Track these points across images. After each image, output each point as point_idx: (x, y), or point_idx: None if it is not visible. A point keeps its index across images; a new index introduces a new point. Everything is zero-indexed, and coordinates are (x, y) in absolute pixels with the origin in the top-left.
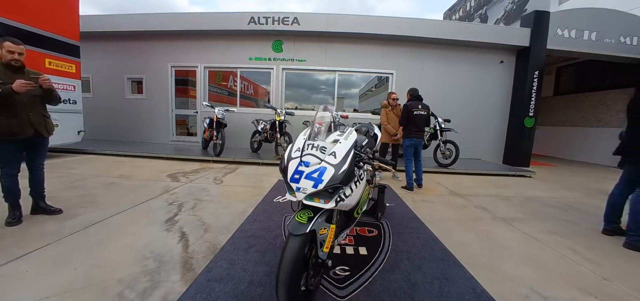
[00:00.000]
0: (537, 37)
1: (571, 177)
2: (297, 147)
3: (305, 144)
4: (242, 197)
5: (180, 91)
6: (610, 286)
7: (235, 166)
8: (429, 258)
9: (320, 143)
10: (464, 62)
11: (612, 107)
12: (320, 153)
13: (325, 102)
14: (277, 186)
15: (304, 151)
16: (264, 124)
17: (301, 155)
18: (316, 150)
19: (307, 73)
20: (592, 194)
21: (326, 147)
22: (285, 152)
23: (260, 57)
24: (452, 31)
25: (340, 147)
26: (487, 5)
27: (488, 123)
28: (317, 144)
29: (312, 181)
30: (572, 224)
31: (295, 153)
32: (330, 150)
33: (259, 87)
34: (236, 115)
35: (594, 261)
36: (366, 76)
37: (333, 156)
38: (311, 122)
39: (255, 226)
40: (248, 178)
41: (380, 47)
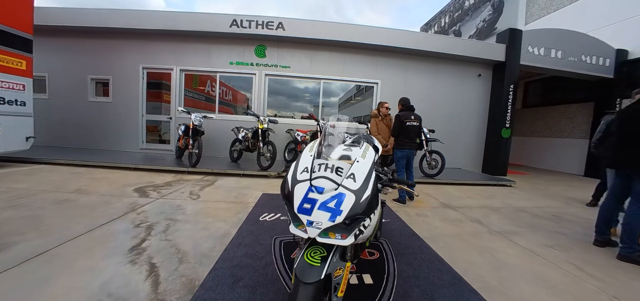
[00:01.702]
0: (512, 52)
1: (547, 186)
2: (303, 167)
3: (314, 164)
4: (223, 215)
5: (152, 94)
6: None
7: (213, 177)
8: (440, 284)
9: (334, 162)
10: (445, 75)
11: (574, 120)
12: (336, 174)
13: (308, 110)
14: (262, 201)
15: (315, 173)
16: (245, 132)
17: (311, 177)
18: (330, 171)
19: (287, 80)
20: (571, 203)
21: (342, 168)
22: (287, 173)
23: (242, 62)
24: (435, 44)
25: (359, 167)
26: (461, 22)
27: (467, 133)
28: (331, 164)
29: (328, 212)
30: (564, 236)
31: (302, 175)
32: (347, 171)
33: (238, 94)
34: (215, 122)
35: (598, 277)
36: (345, 86)
37: (352, 179)
38: (323, 132)
39: (240, 252)
40: (229, 191)
41: (366, 57)
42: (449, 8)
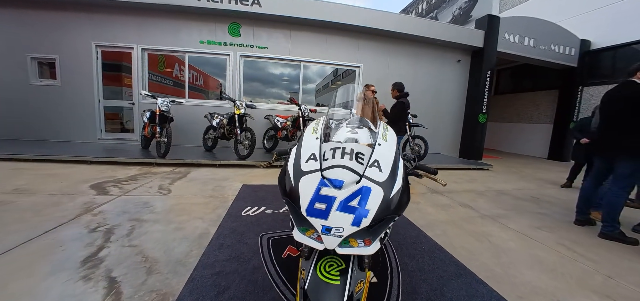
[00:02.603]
0: (490, 39)
1: (519, 168)
2: (309, 154)
3: (323, 149)
4: (200, 211)
5: (111, 77)
6: (618, 286)
7: (185, 169)
8: (446, 276)
9: (352, 145)
10: (426, 60)
11: (540, 107)
12: (357, 162)
13: (285, 97)
14: (243, 194)
15: (327, 160)
16: (219, 118)
17: (322, 167)
18: (350, 158)
19: (263, 65)
20: (544, 184)
21: (363, 154)
22: (286, 163)
23: (213, 41)
24: (417, 27)
25: (383, 152)
26: (438, 9)
27: (446, 119)
28: (349, 148)
29: (351, 213)
30: (547, 217)
31: (309, 164)
32: (368, 158)
33: (209, 78)
34: (185, 108)
35: (589, 257)
36: (323, 72)
37: (376, 167)
38: (333, 103)
39: (223, 255)
40: (204, 184)
41: (348, 39)
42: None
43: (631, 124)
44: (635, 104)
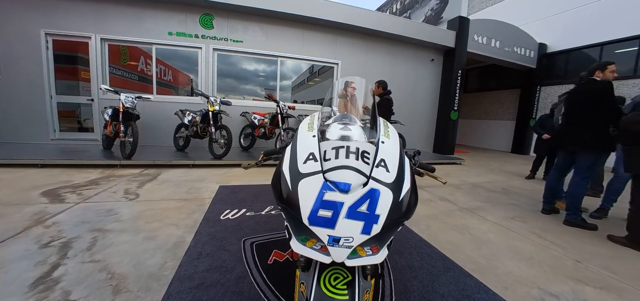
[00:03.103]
0: (461, 40)
1: (488, 162)
2: (307, 153)
3: (323, 147)
4: (174, 217)
5: (65, 70)
6: (586, 270)
7: (155, 170)
8: (435, 272)
9: (357, 144)
10: (402, 58)
11: (504, 104)
12: (363, 162)
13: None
14: (221, 196)
15: (330, 161)
16: (192, 115)
17: (323, 169)
18: (355, 158)
19: (234, 60)
20: (511, 176)
21: (369, 153)
22: (281, 164)
23: (184, 33)
24: (394, 26)
25: (388, 150)
26: (411, 10)
27: (421, 115)
28: (354, 147)
29: (361, 220)
30: (518, 208)
31: (308, 165)
32: (375, 157)
33: (179, 73)
34: (153, 104)
35: (559, 244)
36: (298, 68)
37: (383, 167)
38: (331, 94)
39: (202, 265)
40: (177, 186)
41: (326, 35)
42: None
43: (592, 120)
44: (596, 99)
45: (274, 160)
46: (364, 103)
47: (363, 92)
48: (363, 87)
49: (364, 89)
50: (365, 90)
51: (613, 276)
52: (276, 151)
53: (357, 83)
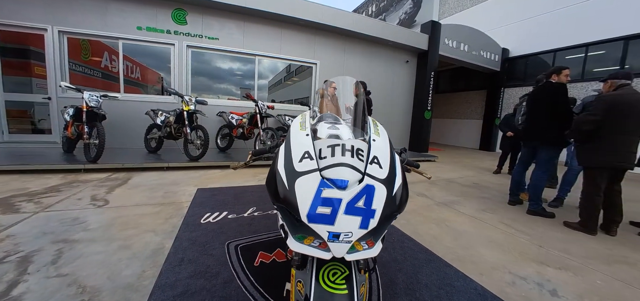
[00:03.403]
0: (433, 43)
1: (459, 159)
2: (301, 152)
3: (317, 146)
4: (150, 223)
5: (13, 65)
6: (548, 253)
7: (125, 174)
8: (418, 264)
9: (352, 141)
10: (379, 59)
11: (472, 104)
12: (358, 159)
13: (235, 91)
14: (200, 199)
15: (326, 159)
16: (165, 115)
17: (320, 167)
18: (351, 155)
19: (207, 57)
20: (481, 172)
21: (363, 150)
22: (275, 164)
23: (154, 28)
24: (371, 28)
25: (380, 147)
26: (386, 12)
27: (397, 114)
28: (349, 144)
29: (358, 215)
30: (488, 200)
31: (303, 164)
32: (368, 154)
33: (148, 71)
34: (121, 104)
35: (524, 232)
36: (274, 68)
37: (376, 164)
38: (321, 92)
39: (185, 271)
40: (151, 190)
41: (304, 35)
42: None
43: (550, 118)
44: (553, 100)
45: (265, 160)
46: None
47: (353, 92)
48: (353, 87)
49: (353, 89)
50: (357, 90)
51: (569, 257)
52: (265, 150)
53: (348, 83)
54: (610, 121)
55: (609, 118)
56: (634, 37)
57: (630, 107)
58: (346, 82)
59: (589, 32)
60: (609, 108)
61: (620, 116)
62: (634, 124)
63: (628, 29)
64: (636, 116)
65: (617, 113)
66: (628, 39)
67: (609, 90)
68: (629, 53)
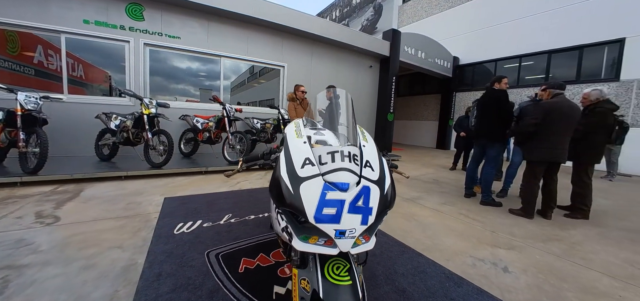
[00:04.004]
0: (394, 49)
1: (420, 157)
2: (302, 159)
3: (317, 152)
4: (115, 239)
5: None
6: (499, 237)
7: (75, 186)
8: (394, 256)
9: (349, 148)
10: (345, 64)
11: (429, 107)
12: (355, 164)
13: (194, 92)
14: (169, 208)
15: (327, 164)
16: (121, 119)
17: (322, 172)
18: (349, 161)
19: (163, 56)
20: (439, 169)
21: (357, 156)
22: (277, 171)
23: (105, 23)
24: (338, 33)
25: (370, 152)
26: (349, 18)
27: (362, 117)
28: (346, 151)
29: (359, 213)
30: (448, 194)
31: (306, 169)
32: (361, 158)
33: (93, 69)
34: (65, 106)
35: (479, 220)
36: (236, 69)
37: (369, 167)
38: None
39: (165, 286)
40: (110, 203)
41: (272, 38)
42: (339, 3)
43: (495, 120)
44: (496, 105)
45: (262, 167)
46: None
47: (346, 105)
48: (348, 101)
49: (347, 102)
50: (348, 102)
51: (515, 239)
52: (256, 157)
53: (342, 96)
54: (547, 123)
55: (546, 121)
56: (556, 51)
57: (562, 112)
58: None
59: (522, 46)
60: (547, 113)
61: (555, 119)
62: (565, 126)
63: (551, 45)
64: (567, 120)
65: (553, 117)
66: (551, 53)
67: (548, 98)
68: (552, 64)
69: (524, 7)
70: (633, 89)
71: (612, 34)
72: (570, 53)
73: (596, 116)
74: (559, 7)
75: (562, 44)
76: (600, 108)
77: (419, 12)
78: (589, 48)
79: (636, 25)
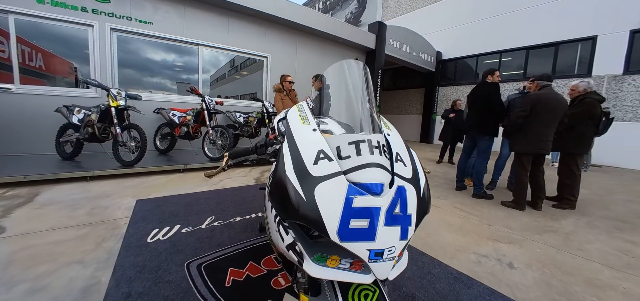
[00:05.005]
0: (380, 42)
1: None
2: (315, 152)
3: (334, 143)
4: (75, 252)
5: None
6: (496, 231)
7: (29, 189)
8: None
9: (378, 137)
10: (330, 55)
11: (413, 101)
12: (385, 156)
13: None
14: (142, 213)
15: (350, 158)
16: (84, 113)
17: (343, 169)
18: (379, 153)
19: (135, 46)
20: (426, 162)
21: (385, 147)
22: (279, 168)
23: (64, 4)
24: (323, 23)
25: (397, 143)
26: (333, 11)
27: None
28: (375, 140)
29: (397, 225)
30: (439, 188)
31: (320, 167)
32: (389, 150)
33: (55, 60)
34: (15, 98)
35: (474, 214)
36: (216, 60)
37: (401, 161)
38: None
39: None
40: (71, 208)
41: (255, 26)
42: None
43: (487, 112)
44: (488, 98)
45: (254, 164)
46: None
47: (362, 78)
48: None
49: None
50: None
51: (512, 231)
52: (247, 152)
53: (354, 66)
54: (534, 115)
55: (533, 113)
56: (533, 47)
57: (548, 104)
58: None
59: (502, 42)
60: (534, 104)
61: (541, 111)
62: (551, 118)
63: (529, 41)
64: (553, 112)
65: (539, 109)
66: (529, 49)
67: (536, 90)
68: (529, 61)
69: (503, 4)
70: (603, 84)
71: (585, 31)
72: (546, 49)
73: (585, 106)
74: (536, 5)
75: (539, 41)
76: (589, 99)
77: (403, 5)
78: (564, 45)
79: (607, 23)
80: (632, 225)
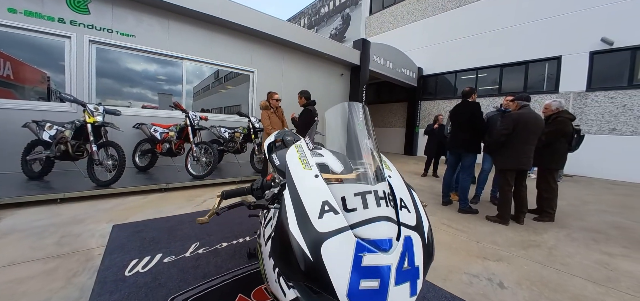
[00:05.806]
0: (364, 58)
1: None
2: (320, 202)
3: (339, 193)
4: (39, 292)
5: None
6: (484, 248)
7: None
8: None
9: (383, 186)
10: (316, 71)
11: (396, 115)
12: (390, 206)
13: (151, 97)
14: (119, 240)
15: (356, 210)
16: (57, 129)
17: (350, 223)
18: (386, 204)
19: (113, 56)
20: (410, 176)
21: (390, 194)
22: (282, 221)
23: (39, 14)
24: (309, 40)
25: (399, 184)
26: (317, 26)
27: None
28: (381, 189)
29: (407, 281)
30: (425, 202)
31: (326, 220)
32: (393, 196)
33: (25, 68)
34: None
35: (462, 230)
36: (199, 72)
37: (405, 207)
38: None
39: None
40: (37, 237)
41: (241, 42)
42: (308, 11)
43: (470, 130)
44: (470, 117)
45: (250, 208)
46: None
47: (362, 118)
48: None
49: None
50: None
51: (500, 248)
52: (241, 192)
53: (354, 107)
54: (515, 133)
55: (514, 131)
56: (506, 65)
57: (527, 123)
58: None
59: (478, 59)
60: (516, 123)
61: (522, 129)
62: (531, 135)
63: (503, 59)
64: (533, 130)
65: (520, 127)
66: (503, 67)
67: (516, 109)
68: (503, 77)
69: (479, 23)
70: (570, 100)
71: (551, 52)
72: (518, 67)
73: (558, 125)
74: (509, 26)
75: (512, 59)
76: (561, 117)
77: (385, 23)
78: (534, 63)
79: (570, 45)
80: (606, 236)
